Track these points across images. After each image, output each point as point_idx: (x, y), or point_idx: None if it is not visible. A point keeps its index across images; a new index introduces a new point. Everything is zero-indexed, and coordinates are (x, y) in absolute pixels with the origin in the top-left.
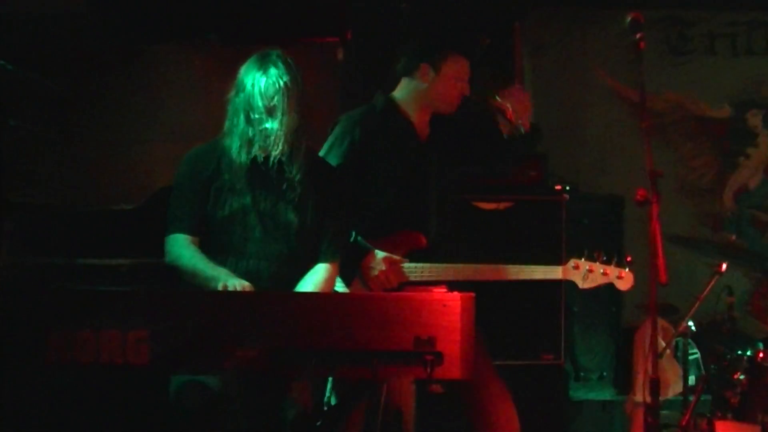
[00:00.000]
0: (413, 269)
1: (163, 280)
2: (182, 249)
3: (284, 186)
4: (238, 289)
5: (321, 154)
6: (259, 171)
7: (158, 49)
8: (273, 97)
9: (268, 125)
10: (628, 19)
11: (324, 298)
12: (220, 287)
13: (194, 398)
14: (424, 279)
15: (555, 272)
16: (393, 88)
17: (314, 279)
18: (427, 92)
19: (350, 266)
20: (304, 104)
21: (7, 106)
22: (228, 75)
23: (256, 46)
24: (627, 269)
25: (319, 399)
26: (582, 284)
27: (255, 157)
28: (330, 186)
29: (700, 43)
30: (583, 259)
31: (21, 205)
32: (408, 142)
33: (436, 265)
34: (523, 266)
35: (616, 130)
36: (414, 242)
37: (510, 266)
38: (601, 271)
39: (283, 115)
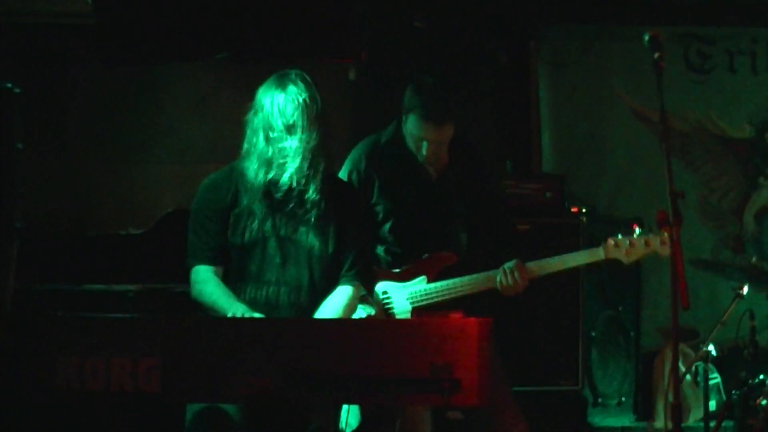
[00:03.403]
0: (445, 286)
1: (170, 306)
2: (204, 284)
3: (303, 208)
4: None
5: None
6: (277, 193)
7: (166, 67)
8: (292, 115)
9: (286, 143)
10: (647, 37)
11: (339, 324)
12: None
13: (212, 427)
14: (461, 293)
15: (596, 254)
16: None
17: (334, 301)
18: (405, 135)
19: None
20: (323, 124)
21: (13, 128)
22: (238, 94)
23: (267, 65)
24: (666, 233)
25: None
26: (626, 260)
27: (273, 178)
28: (350, 207)
29: (719, 60)
30: (620, 236)
31: (27, 230)
32: (413, 172)
33: (471, 276)
34: (561, 256)
35: (636, 150)
36: (444, 260)
37: (546, 260)
38: (643, 242)
39: (302, 132)
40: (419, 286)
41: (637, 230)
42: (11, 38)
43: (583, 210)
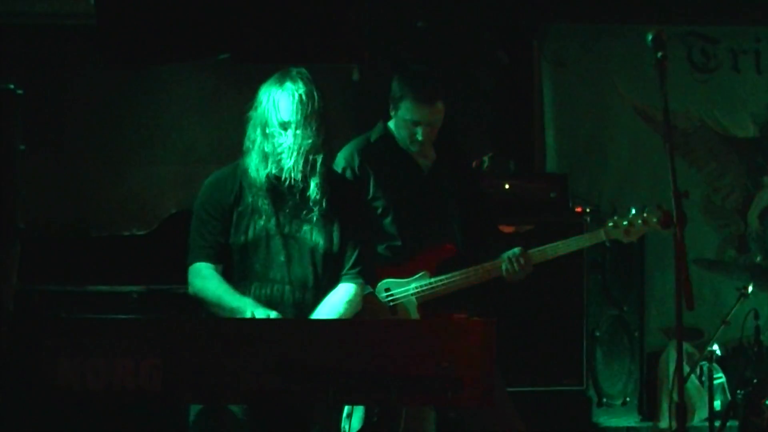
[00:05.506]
0: (444, 279)
1: (173, 307)
2: (206, 280)
3: (306, 206)
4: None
5: None
6: (279, 190)
7: (167, 68)
8: (287, 110)
9: (282, 140)
10: (651, 36)
11: (343, 324)
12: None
13: (216, 426)
14: (466, 283)
15: (597, 236)
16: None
17: (334, 298)
18: (395, 128)
19: None
20: (324, 122)
21: (15, 130)
22: (240, 94)
23: (269, 65)
24: (663, 209)
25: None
26: (626, 239)
27: (273, 174)
28: (352, 205)
29: (722, 59)
30: (617, 217)
31: (29, 231)
32: (405, 166)
33: (475, 267)
34: (563, 240)
35: (639, 149)
36: (443, 253)
37: (549, 245)
38: (640, 221)
39: (297, 128)
40: (422, 281)
41: (633, 210)
42: (12, 39)
43: (588, 210)
